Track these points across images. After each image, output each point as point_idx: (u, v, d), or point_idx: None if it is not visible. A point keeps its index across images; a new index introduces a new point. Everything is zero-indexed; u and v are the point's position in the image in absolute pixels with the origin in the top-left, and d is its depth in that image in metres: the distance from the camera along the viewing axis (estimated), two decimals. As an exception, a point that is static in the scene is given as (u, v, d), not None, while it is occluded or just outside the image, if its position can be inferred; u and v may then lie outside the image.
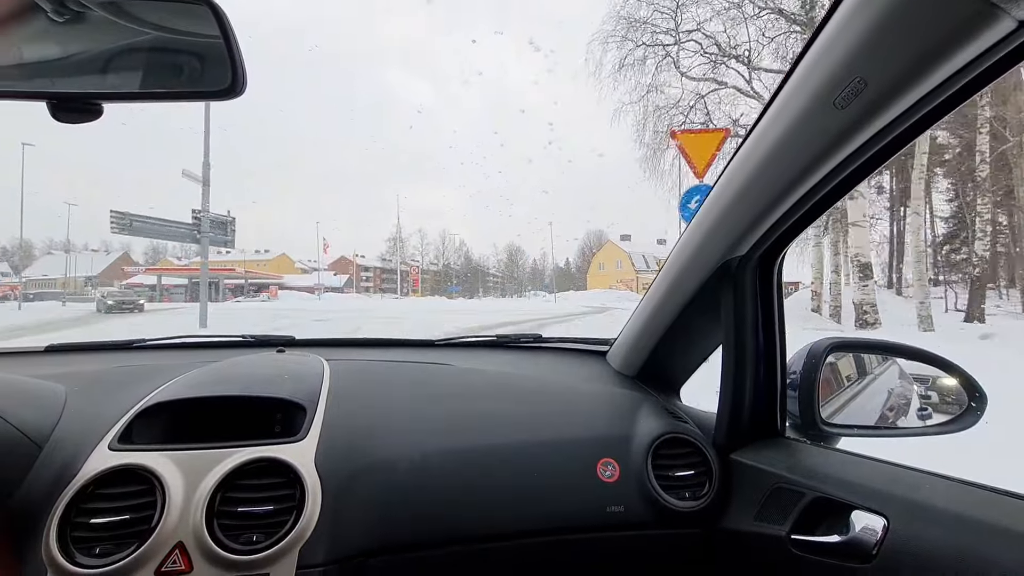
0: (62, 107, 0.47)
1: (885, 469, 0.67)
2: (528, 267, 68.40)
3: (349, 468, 0.74)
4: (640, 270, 49.46)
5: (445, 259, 63.10)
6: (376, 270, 61.55)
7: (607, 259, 54.53)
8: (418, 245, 62.50)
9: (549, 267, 67.08)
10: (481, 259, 66.45)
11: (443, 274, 61.78)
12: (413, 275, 55.91)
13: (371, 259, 61.92)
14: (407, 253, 60.81)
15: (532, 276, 67.50)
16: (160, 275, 40.71)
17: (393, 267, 56.98)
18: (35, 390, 0.78)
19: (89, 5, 0.47)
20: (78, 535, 0.61)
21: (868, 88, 0.49)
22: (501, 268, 67.29)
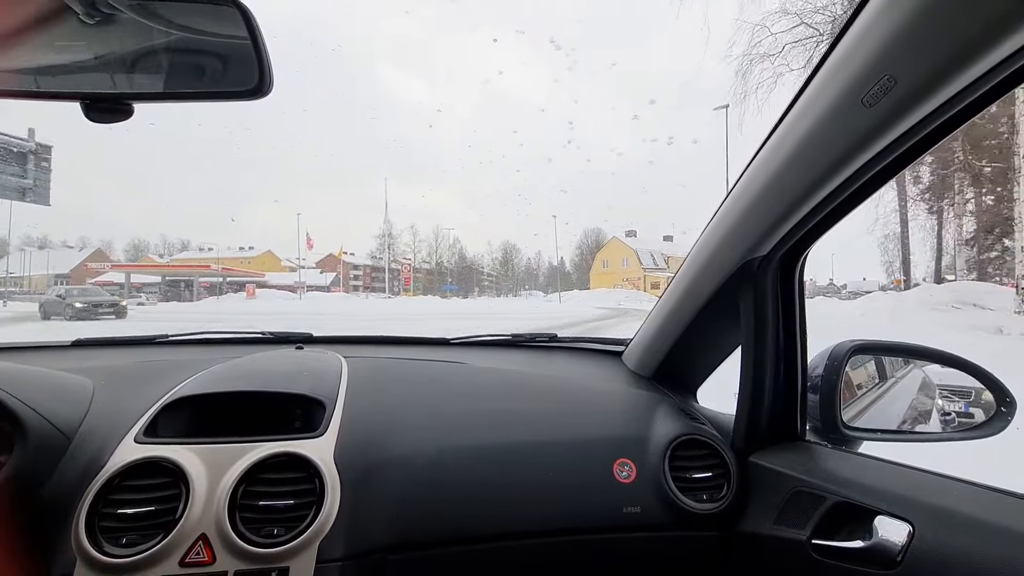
0: (94, 107, 0.48)
1: (909, 474, 0.66)
2: (523, 266, 67.96)
3: (367, 464, 0.75)
4: (647, 268, 46.84)
5: (438, 257, 62.16)
6: (366, 268, 60.24)
7: (612, 256, 51.43)
8: (410, 242, 61.06)
9: (544, 266, 66.18)
10: (475, 257, 65.38)
11: (436, 273, 60.89)
12: (404, 273, 54.05)
13: (361, 257, 61.10)
14: (398, 251, 59.62)
15: (527, 275, 65.62)
16: (128, 272, 35.83)
17: (382, 265, 56.26)
18: (64, 384, 0.79)
19: (119, 7, 0.48)
20: (106, 525, 0.63)
21: (897, 86, 0.49)
22: (496, 267, 66.41)
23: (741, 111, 11.34)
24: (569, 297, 36.34)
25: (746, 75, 11.04)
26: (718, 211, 0.82)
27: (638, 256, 48.09)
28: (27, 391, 0.69)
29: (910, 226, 15.50)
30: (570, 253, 64.89)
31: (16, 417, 0.64)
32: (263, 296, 28.92)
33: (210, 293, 32.70)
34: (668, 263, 47.07)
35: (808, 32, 10.24)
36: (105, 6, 0.47)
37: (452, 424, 0.86)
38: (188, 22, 0.51)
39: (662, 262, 47.66)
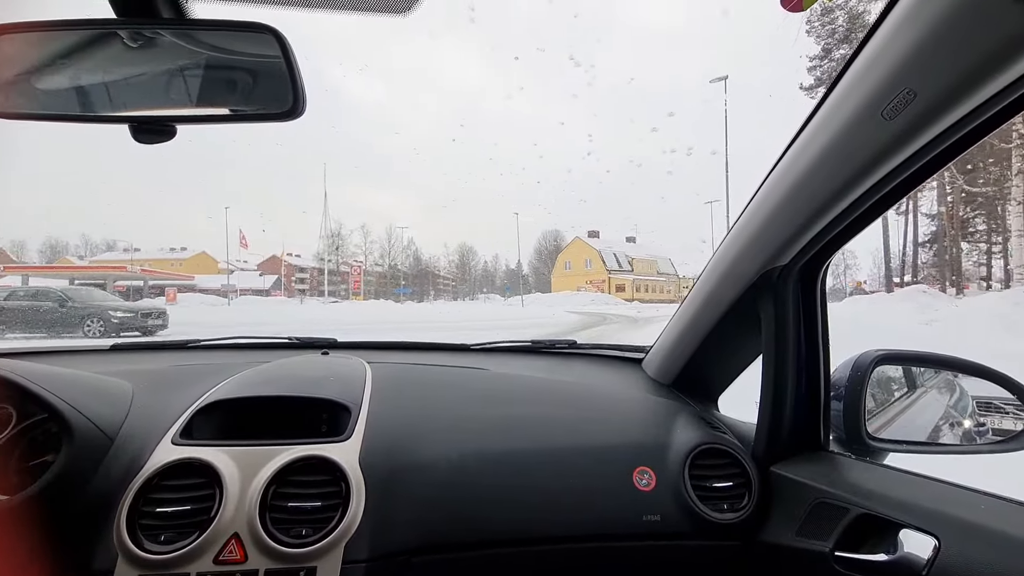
0: (142, 129, 0.51)
1: (936, 487, 0.65)
2: (480, 269, 67.15)
3: (391, 468, 0.76)
4: (612, 270, 45.08)
5: (392, 259, 60.09)
6: (313, 271, 57.42)
7: (575, 257, 49.36)
8: (360, 243, 58.65)
9: (502, 269, 64.92)
10: (431, 260, 63.91)
11: (389, 275, 59.00)
12: (354, 275, 51.75)
13: (308, 258, 58.06)
14: (348, 252, 56.99)
15: (484, 278, 63.05)
16: (26, 275, 31.80)
17: (333, 267, 53.41)
18: (106, 386, 0.82)
19: (161, 32, 0.51)
20: (145, 523, 0.65)
21: (917, 99, 0.49)
22: (452, 269, 65.51)
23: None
24: (531, 300, 34.42)
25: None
26: (738, 221, 0.82)
27: (602, 257, 46.08)
28: (72, 393, 0.72)
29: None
30: (528, 256, 65.30)
31: (64, 418, 0.67)
32: (184, 301, 26.18)
33: (127, 297, 29.28)
34: (632, 265, 46.08)
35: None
36: (148, 31, 0.50)
37: (474, 429, 0.86)
38: (226, 47, 0.53)
39: (626, 264, 46.42)
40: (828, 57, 20.62)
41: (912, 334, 6.20)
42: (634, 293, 42.33)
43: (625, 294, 40.67)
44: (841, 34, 19.49)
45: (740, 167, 22.76)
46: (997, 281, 17.17)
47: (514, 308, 25.69)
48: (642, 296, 42.78)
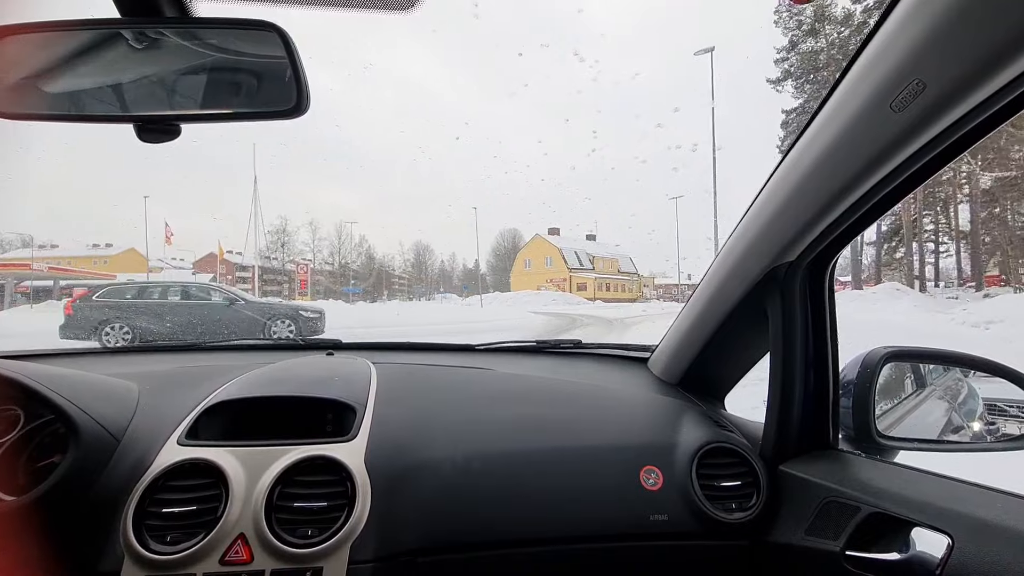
0: (146, 128, 0.51)
1: (948, 485, 0.65)
2: (436, 268, 65.61)
3: (396, 468, 0.76)
4: (573, 268, 42.79)
5: (342, 257, 57.16)
6: (256, 269, 54.28)
7: (535, 255, 46.58)
8: (308, 240, 54.97)
9: (459, 268, 62.12)
10: (386, 258, 61.85)
11: (339, 274, 56.47)
12: (300, 274, 48.22)
13: (250, 256, 54.37)
14: (295, 250, 53.71)
15: (441, 277, 60.70)
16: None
17: (279, 266, 50.23)
18: (113, 388, 0.82)
19: (166, 32, 0.51)
20: (151, 523, 0.65)
21: (927, 91, 0.48)
22: (408, 268, 63.70)
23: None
24: (490, 300, 32.27)
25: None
26: (744, 217, 0.81)
27: (563, 255, 43.77)
28: (79, 395, 0.72)
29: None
30: (485, 255, 64.67)
31: (70, 419, 0.68)
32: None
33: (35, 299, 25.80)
34: (594, 263, 44.63)
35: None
36: (153, 32, 0.50)
37: (479, 430, 0.86)
38: (230, 46, 0.53)
39: (588, 262, 44.09)
40: (795, 50, 20.73)
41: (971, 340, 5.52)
42: (596, 292, 41.15)
43: (587, 293, 39.07)
44: (808, 26, 19.76)
45: (737, 158, 23.29)
46: (943, 280, 18.24)
47: (472, 309, 23.60)
48: (605, 295, 41.65)
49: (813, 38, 20.73)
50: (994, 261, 15.88)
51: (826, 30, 20.22)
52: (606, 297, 40.52)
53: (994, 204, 14.85)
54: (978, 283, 15.65)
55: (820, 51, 20.54)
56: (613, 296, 42.28)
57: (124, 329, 8.04)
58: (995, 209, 15.08)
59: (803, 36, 20.69)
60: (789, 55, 21.38)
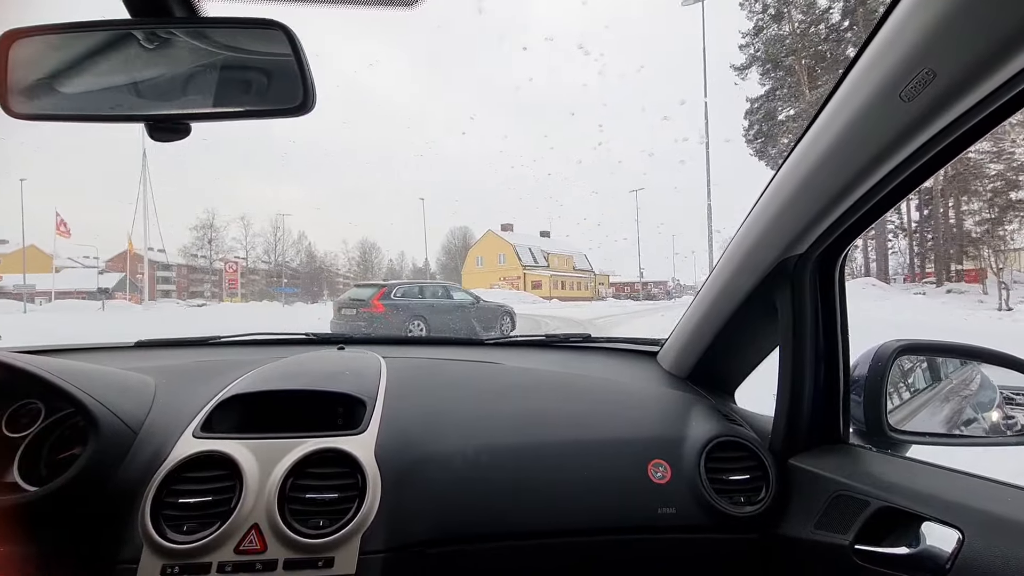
0: (157, 127, 0.52)
1: (959, 479, 0.64)
2: (384, 267, 62.92)
3: (406, 460, 0.77)
4: (527, 265, 40.54)
5: (279, 255, 53.08)
6: (180, 268, 48.96)
7: (487, 252, 44.15)
8: (240, 237, 49.96)
9: (408, 267, 60.53)
10: (328, 256, 58.48)
11: (277, 274, 52.43)
12: (229, 273, 39.91)
13: (173, 253, 48.81)
14: (225, 247, 48.95)
15: (390, 277, 62.47)
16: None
17: (206, 265, 45.76)
18: (130, 382, 0.85)
19: (175, 32, 0.52)
20: (168, 514, 0.67)
21: (937, 79, 0.47)
22: (353, 267, 60.57)
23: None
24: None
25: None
26: (753, 209, 0.80)
27: (516, 252, 41.53)
28: (98, 389, 0.74)
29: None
30: (435, 253, 63.10)
31: (90, 412, 0.69)
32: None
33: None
34: (549, 260, 42.51)
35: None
36: (163, 31, 0.51)
37: (488, 423, 0.87)
38: (237, 44, 0.54)
39: (542, 259, 42.02)
40: (759, 36, 19.80)
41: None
42: (552, 290, 39.85)
43: (542, 291, 36.55)
44: (773, 10, 18.84)
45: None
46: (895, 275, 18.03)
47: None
48: (560, 293, 40.34)
49: (777, 24, 19.66)
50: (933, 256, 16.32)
51: (793, 15, 19.23)
52: (562, 295, 39.31)
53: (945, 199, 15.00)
54: (939, 278, 15.82)
55: (787, 37, 19.55)
56: (569, 294, 41.12)
57: (420, 326, 9.17)
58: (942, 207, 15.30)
59: (768, 21, 19.71)
60: (755, 40, 20.34)
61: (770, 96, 20.44)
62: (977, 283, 14.31)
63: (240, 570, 0.65)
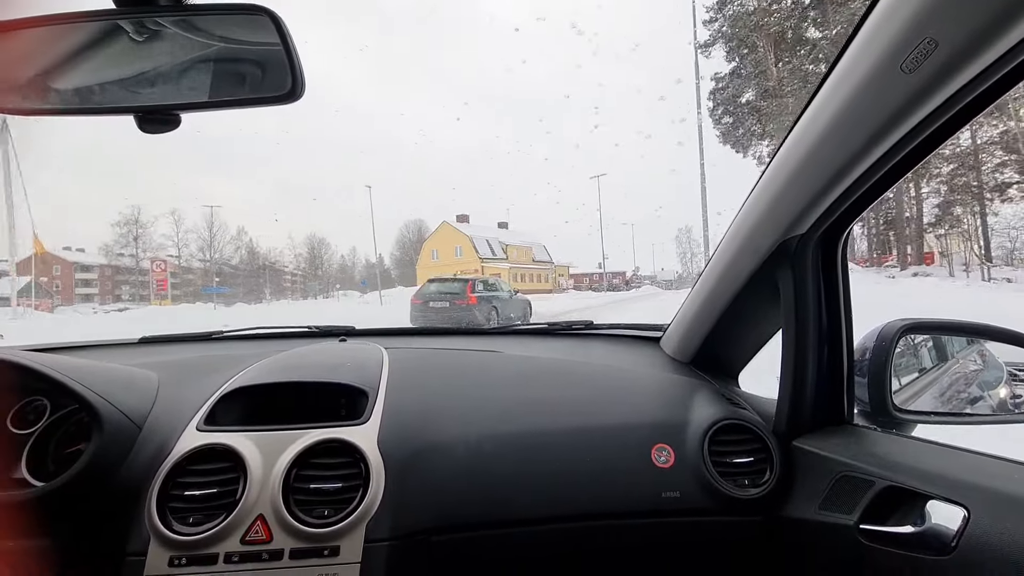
0: (147, 119, 0.52)
1: (965, 458, 0.64)
2: (336, 263, 59.71)
3: (409, 449, 0.77)
4: (485, 257, 39.11)
5: (215, 252, 48.53)
6: (103, 269, 44.13)
7: (442, 245, 42.90)
8: (171, 233, 41.87)
9: (361, 263, 57.45)
10: (272, 253, 54.62)
11: (216, 272, 47.95)
12: (157, 274, 35.61)
13: (93, 253, 43.68)
14: (155, 244, 44.28)
15: (342, 273, 54.56)
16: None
17: (133, 265, 41.54)
18: (134, 377, 0.85)
19: (163, 23, 0.52)
20: (174, 506, 0.68)
21: (939, 49, 0.46)
22: (301, 264, 57.25)
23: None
24: (393, 296, 27.15)
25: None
26: (753, 189, 0.79)
27: (473, 243, 40.14)
28: (102, 385, 0.74)
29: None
30: (389, 248, 60.90)
31: (94, 409, 0.70)
32: None
33: None
34: (507, 252, 41.72)
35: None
36: (151, 23, 0.51)
37: (491, 411, 0.87)
38: (224, 32, 0.54)
39: (500, 251, 41.14)
40: (722, 12, 19.09)
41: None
42: (511, 283, 37.83)
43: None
44: None
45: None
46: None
47: (371, 306, 20.18)
48: (520, 286, 36.61)
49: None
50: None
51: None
52: (522, 288, 37.28)
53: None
54: (903, 262, 16.10)
55: (753, 12, 18.80)
56: (529, 287, 39.05)
57: (495, 315, 10.19)
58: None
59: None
60: (719, 15, 19.57)
61: (736, 74, 19.81)
62: (933, 263, 14.82)
63: (247, 560, 0.65)
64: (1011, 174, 13.54)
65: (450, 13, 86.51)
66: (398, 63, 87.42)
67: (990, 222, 14.62)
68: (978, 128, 12.59)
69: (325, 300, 36.69)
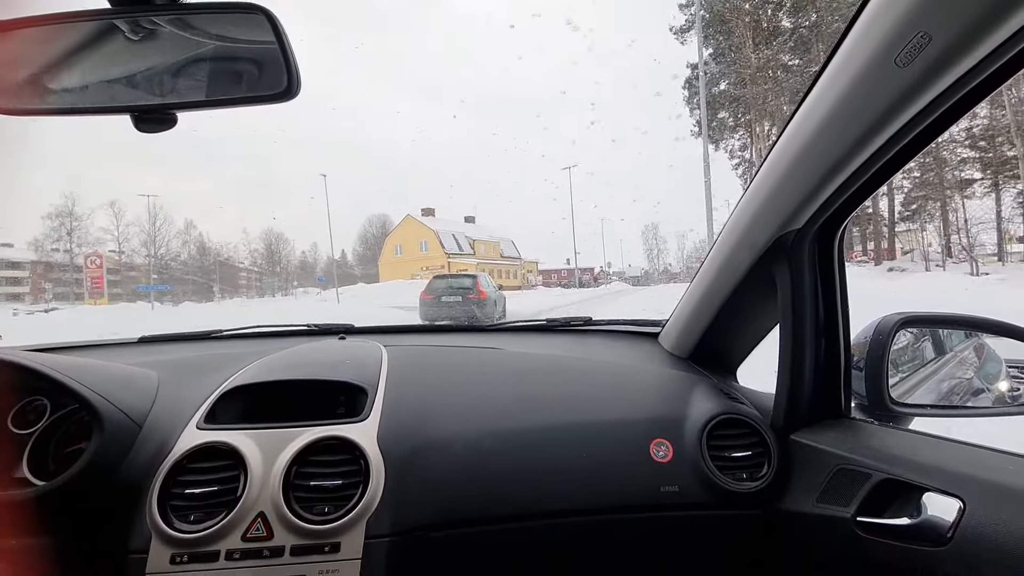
0: (143, 118, 0.52)
1: (960, 450, 0.64)
2: (297, 260, 56.58)
3: (408, 446, 0.78)
4: (451, 253, 37.38)
5: (161, 247, 40.04)
6: (35, 265, 40.00)
7: (406, 240, 40.50)
8: (111, 227, 37.67)
9: (323, 259, 55.05)
10: (225, 248, 51.00)
11: (155, 269, 43.78)
12: (91, 270, 32.85)
13: (22, 248, 39.31)
14: (92, 238, 40.15)
15: (302, 270, 51.89)
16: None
17: (67, 261, 37.87)
18: (133, 376, 0.86)
19: (159, 22, 0.52)
20: (175, 504, 0.68)
21: (932, 43, 0.46)
22: (258, 261, 53.60)
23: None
24: (353, 293, 27.36)
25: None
26: (750, 185, 0.80)
27: (439, 238, 38.13)
28: (102, 384, 0.75)
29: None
30: (351, 244, 58.70)
31: (94, 408, 0.70)
32: None
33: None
34: (475, 247, 40.07)
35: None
36: (147, 22, 0.51)
37: (490, 408, 0.88)
38: (220, 31, 0.54)
39: (467, 246, 39.48)
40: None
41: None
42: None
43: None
44: None
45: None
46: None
47: (328, 304, 18.71)
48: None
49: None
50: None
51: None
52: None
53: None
54: (877, 258, 16.60)
55: None
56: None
57: (499, 308, 10.79)
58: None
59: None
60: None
61: (714, 60, 19.24)
62: (897, 258, 15.31)
63: (248, 557, 0.66)
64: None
65: (445, 9, 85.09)
66: (390, 60, 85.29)
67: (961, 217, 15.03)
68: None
69: (284, 298, 34.96)
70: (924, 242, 16.33)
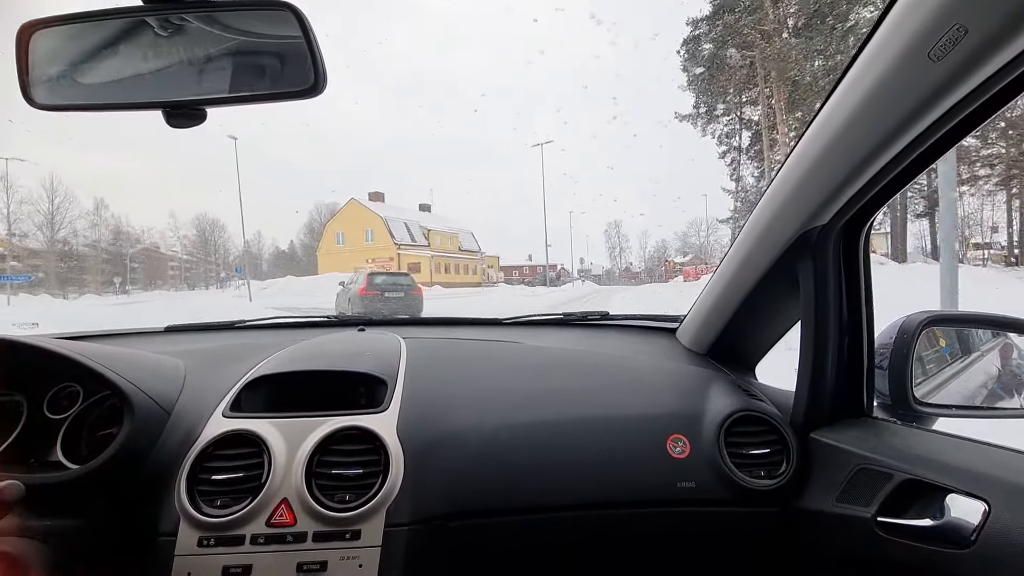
0: (175, 114, 0.54)
1: (986, 451, 0.63)
2: (235, 248, 50.60)
3: (427, 437, 0.79)
4: (402, 244, 33.10)
5: (60, 228, 34.93)
6: None
7: (350, 226, 35.40)
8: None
9: (269, 250, 48.60)
10: (147, 234, 45.75)
11: (67, 255, 36.80)
12: None
13: None
14: None
15: (243, 259, 49.85)
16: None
17: None
18: (162, 365, 0.88)
19: (188, 18, 0.53)
20: (202, 489, 0.70)
21: (968, 36, 0.45)
22: (190, 248, 44.82)
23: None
24: (279, 287, 24.66)
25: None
26: (774, 179, 0.78)
27: (388, 226, 33.33)
28: (132, 372, 0.77)
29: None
30: (297, 233, 54.42)
31: (125, 395, 0.72)
32: None
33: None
34: (429, 238, 36.02)
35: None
36: (176, 18, 0.53)
37: (507, 401, 0.88)
38: (247, 27, 0.55)
39: (421, 236, 35.34)
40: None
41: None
42: (433, 275, 32.01)
43: (422, 276, 27.97)
44: None
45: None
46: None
47: (241, 301, 16.03)
48: (444, 278, 32.86)
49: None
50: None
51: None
52: (445, 280, 31.72)
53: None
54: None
55: None
56: (455, 279, 34.68)
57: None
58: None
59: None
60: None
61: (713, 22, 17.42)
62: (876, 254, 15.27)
63: (272, 542, 0.67)
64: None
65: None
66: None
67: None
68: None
69: (220, 291, 31.83)
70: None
